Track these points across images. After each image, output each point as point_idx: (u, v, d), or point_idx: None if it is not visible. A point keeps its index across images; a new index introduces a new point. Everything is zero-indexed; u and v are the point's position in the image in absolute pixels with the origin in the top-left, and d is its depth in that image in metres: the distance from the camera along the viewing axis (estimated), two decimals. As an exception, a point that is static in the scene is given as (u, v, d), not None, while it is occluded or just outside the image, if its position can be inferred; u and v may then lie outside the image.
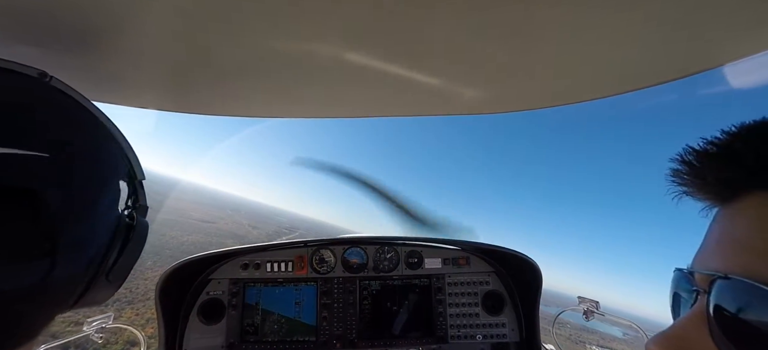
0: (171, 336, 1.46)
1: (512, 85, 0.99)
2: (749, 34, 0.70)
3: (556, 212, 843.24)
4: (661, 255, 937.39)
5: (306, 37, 0.77)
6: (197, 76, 0.95)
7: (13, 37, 0.70)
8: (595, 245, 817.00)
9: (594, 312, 1.61)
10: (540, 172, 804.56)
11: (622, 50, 0.78)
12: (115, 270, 0.49)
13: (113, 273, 0.49)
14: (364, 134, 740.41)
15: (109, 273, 0.48)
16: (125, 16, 0.70)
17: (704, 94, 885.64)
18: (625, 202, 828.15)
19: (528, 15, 0.67)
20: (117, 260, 0.49)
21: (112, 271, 0.49)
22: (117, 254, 0.49)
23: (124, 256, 0.50)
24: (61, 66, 0.78)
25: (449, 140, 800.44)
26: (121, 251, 0.50)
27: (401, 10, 0.66)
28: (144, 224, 0.56)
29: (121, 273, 0.52)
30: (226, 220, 56.61)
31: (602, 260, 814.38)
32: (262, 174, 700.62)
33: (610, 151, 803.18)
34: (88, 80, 0.84)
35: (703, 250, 0.40)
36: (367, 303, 1.64)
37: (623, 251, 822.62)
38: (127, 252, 0.51)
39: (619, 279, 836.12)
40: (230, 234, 47.39)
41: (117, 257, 0.49)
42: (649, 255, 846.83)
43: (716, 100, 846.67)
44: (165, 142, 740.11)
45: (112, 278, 0.50)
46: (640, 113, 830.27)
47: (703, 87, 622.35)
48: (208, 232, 49.41)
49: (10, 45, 0.70)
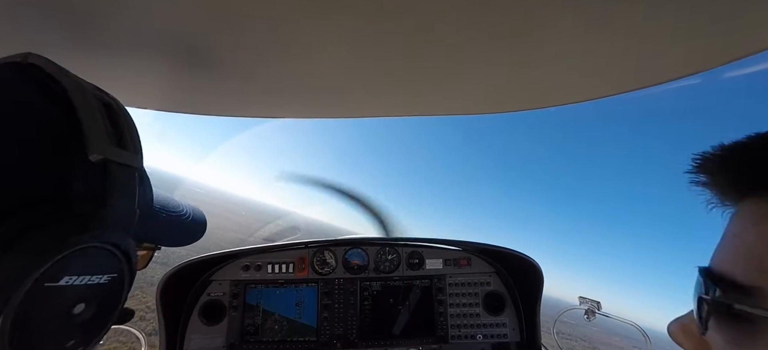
0: (172, 337, 1.46)
1: (512, 85, 0.99)
2: (749, 34, 0.70)
3: (555, 211, 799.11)
4: (660, 260, 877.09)
5: (306, 38, 0.77)
6: (197, 77, 0.95)
7: (13, 37, 0.70)
8: (595, 247, 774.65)
9: (595, 313, 1.61)
10: (540, 173, 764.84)
11: (622, 50, 0.78)
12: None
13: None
14: (365, 133, 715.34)
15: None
16: (125, 16, 0.70)
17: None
18: (625, 202, 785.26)
19: (528, 16, 0.67)
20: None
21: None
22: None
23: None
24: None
25: (450, 141, 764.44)
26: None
27: (401, 11, 0.66)
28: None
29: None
30: (227, 219, 56.74)
31: (601, 265, 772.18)
32: (261, 174, 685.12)
33: (610, 151, 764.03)
34: (87, 80, 0.85)
35: (718, 245, 0.44)
36: (367, 304, 1.63)
37: (622, 256, 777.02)
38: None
39: (617, 287, 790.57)
40: (232, 234, 46.81)
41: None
42: (649, 260, 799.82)
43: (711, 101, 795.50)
44: (165, 142, 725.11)
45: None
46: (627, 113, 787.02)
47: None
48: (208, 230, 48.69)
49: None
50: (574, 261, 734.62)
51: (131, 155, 0.44)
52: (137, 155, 0.46)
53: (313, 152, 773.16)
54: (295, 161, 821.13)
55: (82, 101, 0.40)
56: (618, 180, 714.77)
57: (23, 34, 0.73)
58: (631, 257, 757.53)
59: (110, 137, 0.42)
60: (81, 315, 0.40)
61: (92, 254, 0.39)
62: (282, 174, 3.27)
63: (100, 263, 0.41)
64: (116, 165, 0.42)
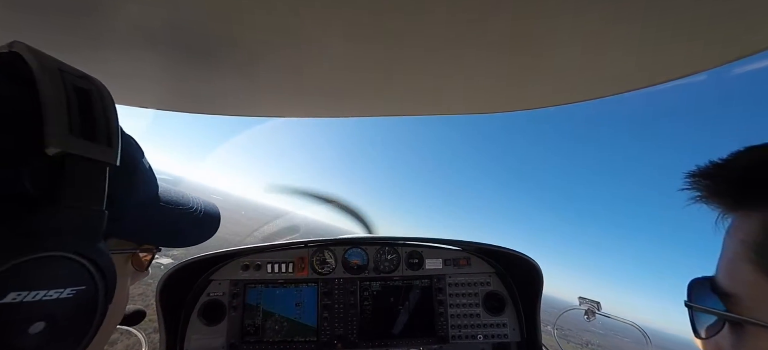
0: (172, 337, 1.46)
1: (513, 85, 0.99)
2: (749, 34, 0.70)
3: (555, 213, 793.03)
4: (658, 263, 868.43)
5: (306, 38, 0.77)
6: (197, 76, 0.95)
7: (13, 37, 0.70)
8: (594, 248, 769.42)
9: (595, 313, 1.61)
10: (539, 172, 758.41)
11: (621, 50, 0.78)
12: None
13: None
14: (362, 133, 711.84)
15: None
16: (125, 17, 0.70)
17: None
18: (624, 204, 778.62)
19: (528, 16, 0.67)
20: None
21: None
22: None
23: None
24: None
25: (447, 140, 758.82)
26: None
27: (401, 12, 0.66)
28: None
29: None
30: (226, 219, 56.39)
31: (601, 266, 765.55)
32: (261, 174, 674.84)
33: (609, 151, 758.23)
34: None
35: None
36: (367, 304, 1.63)
37: (621, 259, 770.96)
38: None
39: (619, 288, 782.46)
40: (232, 233, 46.68)
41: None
42: (648, 264, 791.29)
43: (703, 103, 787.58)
44: (166, 140, 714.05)
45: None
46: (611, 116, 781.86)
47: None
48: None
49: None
50: (573, 261, 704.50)
51: (102, 149, 0.38)
52: (111, 148, 0.39)
53: (313, 152, 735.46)
54: (294, 161, 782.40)
55: (47, 87, 0.35)
56: (618, 180, 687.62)
57: (23, 34, 0.73)
58: (636, 258, 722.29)
59: (75, 127, 0.36)
60: (42, 334, 0.35)
61: (47, 264, 0.34)
62: (270, 186, 3.28)
63: (60, 275, 0.35)
64: (80, 160, 0.36)
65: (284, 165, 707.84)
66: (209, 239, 0.71)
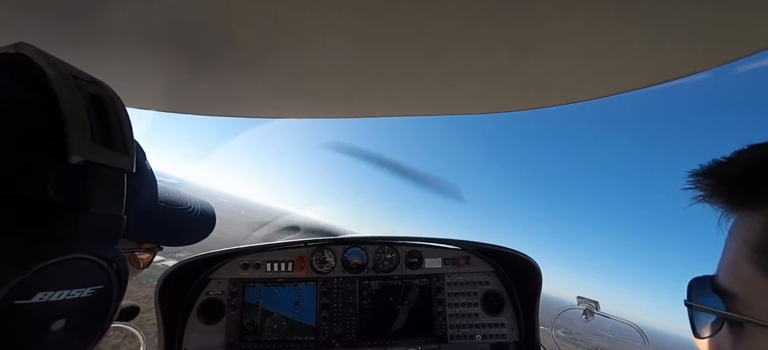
0: (171, 336, 1.46)
1: (512, 85, 0.99)
2: (749, 34, 0.70)
3: (553, 213, 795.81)
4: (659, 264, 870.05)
5: (307, 38, 0.77)
6: (197, 76, 0.95)
7: (13, 37, 0.70)
8: (593, 249, 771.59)
9: (594, 312, 1.61)
10: (538, 173, 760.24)
11: (622, 50, 0.78)
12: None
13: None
14: (362, 131, 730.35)
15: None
16: (125, 19, 0.70)
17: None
18: (624, 204, 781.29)
19: (529, 16, 0.67)
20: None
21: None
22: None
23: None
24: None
25: (448, 139, 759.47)
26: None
27: (401, 12, 0.66)
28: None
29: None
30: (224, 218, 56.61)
31: (602, 266, 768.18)
32: (261, 174, 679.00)
33: (610, 151, 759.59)
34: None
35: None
36: (366, 303, 1.63)
37: (621, 260, 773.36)
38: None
39: (620, 288, 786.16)
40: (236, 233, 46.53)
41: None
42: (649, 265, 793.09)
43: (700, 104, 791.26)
44: (165, 141, 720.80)
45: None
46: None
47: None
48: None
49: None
50: (574, 262, 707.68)
51: (119, 156, 0.40)
52: (126, 155, 0.41)
53: (313, 152, 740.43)
54: (295, 161, 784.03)
55: (66, 95, 0.36)
56: (617, 181, 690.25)
57: (24, 34, 0.73)
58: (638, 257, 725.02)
59: (96, 135, 0.37)
60: (62, 331, 0.37)
61: (71, 266, 0.36)
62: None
63: (81, 275, 0.37)
64: (101, 167, 0.38)
65: (284, 165, 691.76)
66: (205, 238, 0.73)
